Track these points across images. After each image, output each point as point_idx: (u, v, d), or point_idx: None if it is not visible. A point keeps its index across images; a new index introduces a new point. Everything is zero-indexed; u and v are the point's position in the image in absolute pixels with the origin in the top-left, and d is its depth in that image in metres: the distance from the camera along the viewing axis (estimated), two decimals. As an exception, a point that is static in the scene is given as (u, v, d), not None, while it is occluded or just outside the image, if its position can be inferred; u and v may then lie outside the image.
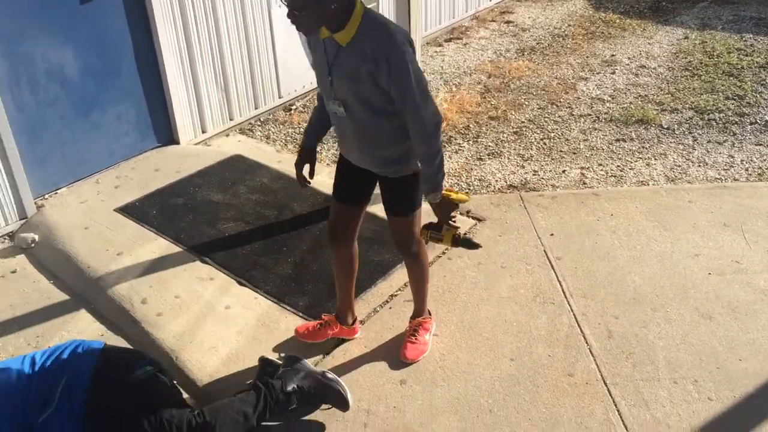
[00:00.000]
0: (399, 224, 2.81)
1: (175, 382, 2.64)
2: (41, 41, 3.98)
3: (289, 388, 2.67)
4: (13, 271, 3.70)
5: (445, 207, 2.56)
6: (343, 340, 3.14)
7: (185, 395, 2.78)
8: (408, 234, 2.83)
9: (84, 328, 3.27)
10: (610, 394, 2.82)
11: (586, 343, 3.10)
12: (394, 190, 2.73)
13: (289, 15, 2.34)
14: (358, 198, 2.86)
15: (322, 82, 2.58)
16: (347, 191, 2.85)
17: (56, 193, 4.28)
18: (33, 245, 3.85)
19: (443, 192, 2.54)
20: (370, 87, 2.42)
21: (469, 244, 2.60)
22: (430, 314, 3.18)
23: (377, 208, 4.14)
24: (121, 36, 4.38)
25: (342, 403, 2.73)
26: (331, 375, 2.78)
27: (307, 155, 2.90)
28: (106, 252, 3.72)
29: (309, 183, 2.93)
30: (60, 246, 3.79)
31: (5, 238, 3.96)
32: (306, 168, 2.92)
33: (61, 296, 3.51)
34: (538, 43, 6.98)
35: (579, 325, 3.20)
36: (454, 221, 2.60)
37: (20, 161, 3.94)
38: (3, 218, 3.94)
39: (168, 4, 4.48)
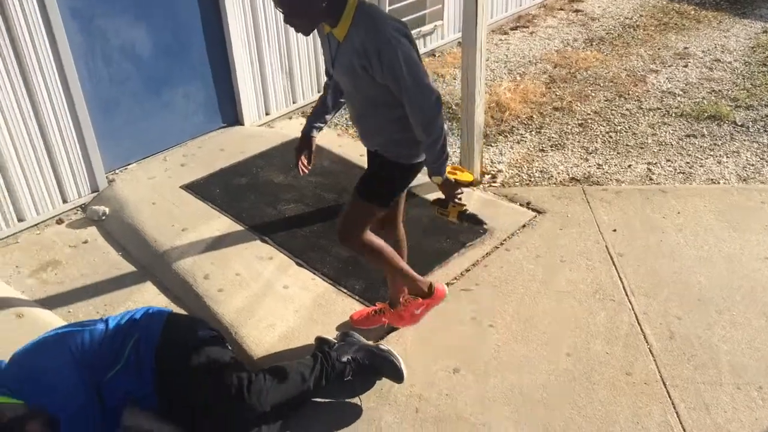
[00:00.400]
0: (350, 203, 2.71)
1: (234, 355, 2.72)
2: (115, 18, 4.10)
3: (344, 359, 2.73)
4: (85, 242, 3.85)
5: (450, 187, 2.60)
6: (395, 329, 3.16)
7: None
8: (350, 221, 2.69)
9: (149, 300, 3.38)
10: (669, 396, 2.76)
11: (646, 342, 3.03)
12: (373, 167, 2.73)
13: (285, 20, 2.35)
14: None
15: (330, 74, 2.66)
16: None
17: (126, 168, 4.43)
18: (104, 218, 4.00)
19: (448, 173, 2.57)
20: (368, 82, 2.42)
21: (474, 220, 2.71)
22: (429, 292, 2.91)
23: (433, 196, 4.13)
24: (191, 15, 4.48)
25: (396, 375, 2.77)
26: (384, 347, 2.84)
27: (304, 142, 2.89)
28: (172, 227, 3.83)
29: (306, 171, 2.90)
30: (128, 220, 3.93)
31: (78, 210, 4.12)
32: (303, 155, 2.89)
33: (128, 268, 3.64)
34: (607, 33, 6.80)
35: (639, 324, 3.13)
36: (460, 199, 2.65)
37: (94, 136, 4.09)
38: (76, 191, 4.10)
39: (238, -14, 4.56)
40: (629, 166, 4.50)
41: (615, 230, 3.78)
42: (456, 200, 2.65)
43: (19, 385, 2.39)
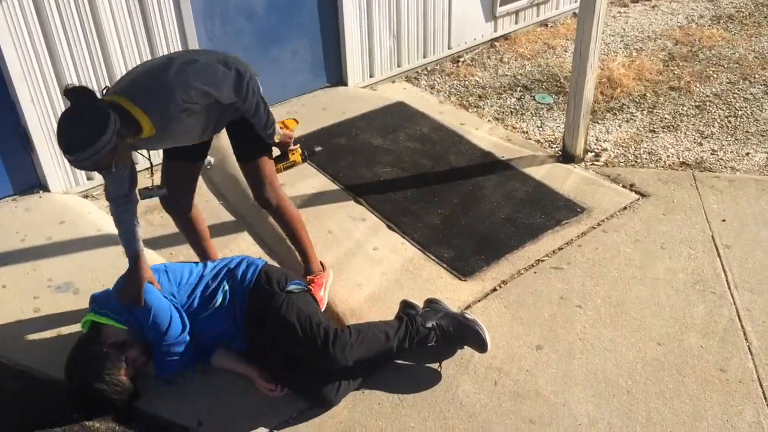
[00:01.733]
0: (251, 171, 2.86)
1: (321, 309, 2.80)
2: (234, -24, 4.22)
3: (429, 325, 2.75)
4: (190, 189, 4.03)
5: (286, 138, 2.84)
6: (480, 300, 3.14)
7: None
8: (262, 181, 2.87)
9: (245, 249, 3.52)
10: (765, 397, 2.61)
11: (746, 340, 2.86)
12: (240, 131, 2.78)
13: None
14: (195, 154, 2.89)
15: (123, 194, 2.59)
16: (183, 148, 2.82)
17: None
18: (208, 167, 4.17)
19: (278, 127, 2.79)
20: (212, 103, 2.50)
21: (311, 151, 3.07)
22: (324, 268, 3.19)
23: (532, 170, 4.04)
24: (305, -25, 4.54)
25: (480, 345, 2.76)
26: (470, 316, 2.83)
27: (142, 269, 2.58)
28: (271, 181, 3.94)
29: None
30: (231, 170, 4.07)
31: (186, 158, 4.32)
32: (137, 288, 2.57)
33: (227, 217, 3.80)
34: (737, 11, 6.33)
35: (740, 320, 2.96)
36: (293, 146, 2.94)
37: (205, 88, 4.25)
38: (185, 139, 4.30)
39: (352, -53, 4.56)
40: (747, 154, 4.22)
41: (724, 220, 3.57)
42: (292, 148, 2.91)
43: (122, 312, 2.58)
